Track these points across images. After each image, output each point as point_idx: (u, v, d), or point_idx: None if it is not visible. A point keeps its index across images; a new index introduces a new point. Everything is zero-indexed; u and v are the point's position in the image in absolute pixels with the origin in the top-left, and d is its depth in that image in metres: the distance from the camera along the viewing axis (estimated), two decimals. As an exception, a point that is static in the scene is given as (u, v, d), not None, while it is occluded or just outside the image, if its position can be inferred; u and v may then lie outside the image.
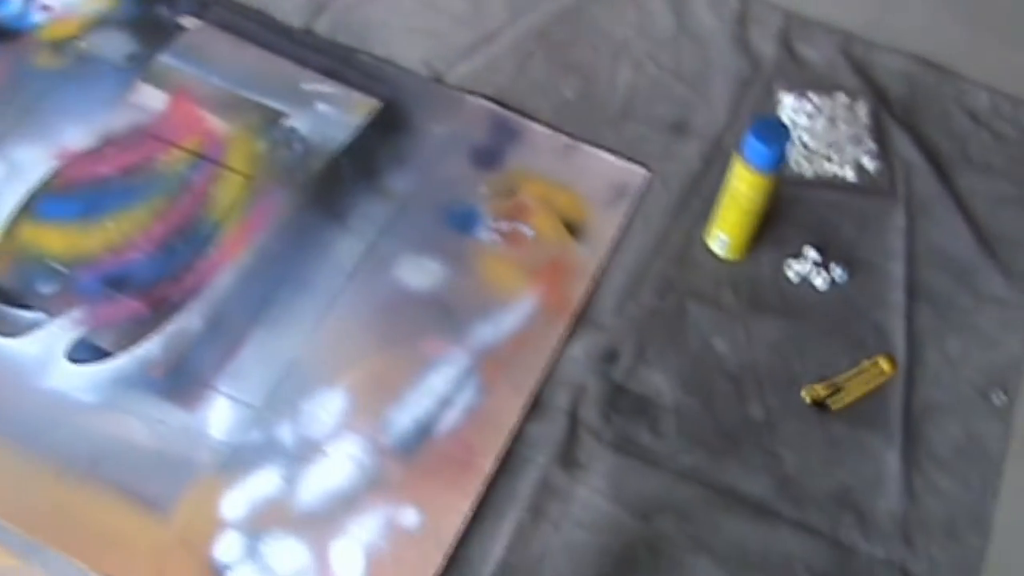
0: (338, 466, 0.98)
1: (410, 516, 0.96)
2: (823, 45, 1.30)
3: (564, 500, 0.98)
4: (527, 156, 1.19)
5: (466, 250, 1.12)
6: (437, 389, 1.03)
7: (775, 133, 1.00)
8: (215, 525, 0.95)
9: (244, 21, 1.29)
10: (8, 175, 1.15)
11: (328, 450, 0.99)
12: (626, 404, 1.03)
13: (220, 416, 1.01)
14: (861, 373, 1.05)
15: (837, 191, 1.18)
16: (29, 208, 1.13)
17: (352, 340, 1.06)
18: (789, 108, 1.24)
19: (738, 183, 1.04)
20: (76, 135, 1.18)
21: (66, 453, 0.98)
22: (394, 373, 1.04)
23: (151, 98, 1.22)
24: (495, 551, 0.95)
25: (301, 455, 0.99)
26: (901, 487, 0.99)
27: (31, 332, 1.05)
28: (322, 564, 0.94)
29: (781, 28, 1.32)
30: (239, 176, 1.16)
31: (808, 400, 1.04)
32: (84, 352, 1.04)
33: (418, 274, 1.10)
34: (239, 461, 0.98)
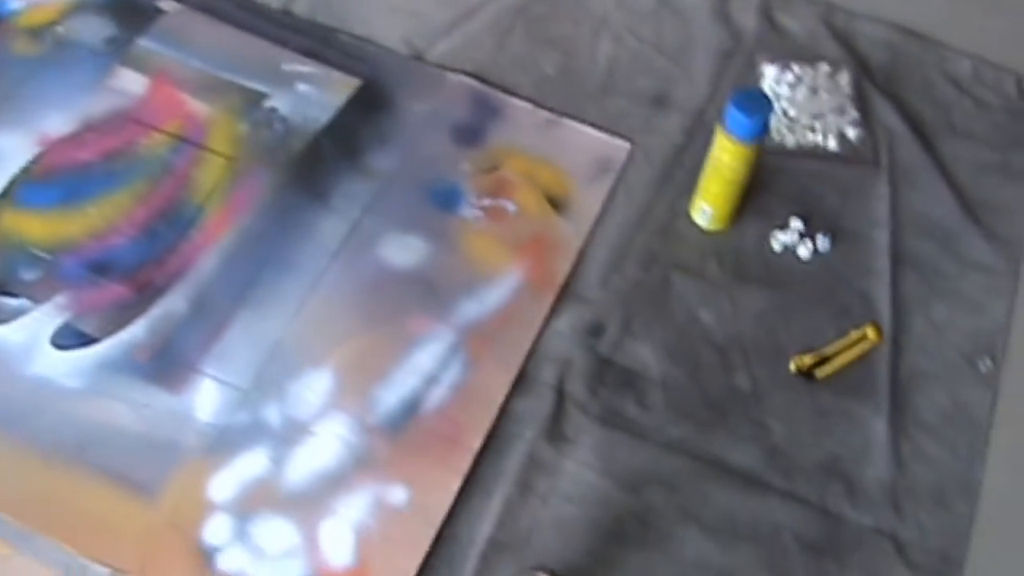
0: (325, 446, 0.98)
1: (398, 494, 0.96)
2: (804, 15, 1.30)
3: (552, 475, 0.98)
4: (509, 132, 1.19)
5: (450, 227, 1.12)
6: (423, 367, 1.03)
7: (756, 103, 1.00)
8: (203, 508, 0.95)
9: (223, 3, 1.28)
10: (-12, 163, 1.14)
11: (315, 430, 0.99)
12: (612, 377, 1.04)
13: (206, 399, 1.01)
14: (847, 342, 1.05)
15: (820, 161, 1.18)
16: (9, 195, 1.12)
17: (337, 319, 1.06)
18: (771, 79, 1.23)
19: (720, 154, 1.04)
20: (56, 121, 1.17)
21: (53, 439, 0.98)
22: (380, 351, 1.04)
23: (131, 82, 1.21)
24: (484, 527, 0.95)
25: (288, 436, 0.99)
26: (889, 455, 1.00)
27: (15, 319, 1.04)
28: (311, 544, 0.94)
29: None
30: (221, 158, 1.16)
31: (795, 370, 1.04)
32: (69, 338, 1.03)
33: (402, 252, 1.10)
34: (226, 443, 0.98)
